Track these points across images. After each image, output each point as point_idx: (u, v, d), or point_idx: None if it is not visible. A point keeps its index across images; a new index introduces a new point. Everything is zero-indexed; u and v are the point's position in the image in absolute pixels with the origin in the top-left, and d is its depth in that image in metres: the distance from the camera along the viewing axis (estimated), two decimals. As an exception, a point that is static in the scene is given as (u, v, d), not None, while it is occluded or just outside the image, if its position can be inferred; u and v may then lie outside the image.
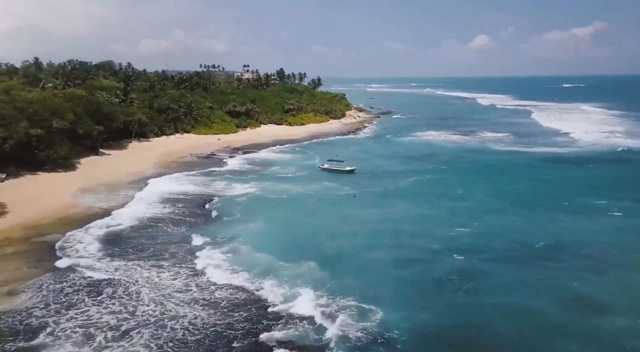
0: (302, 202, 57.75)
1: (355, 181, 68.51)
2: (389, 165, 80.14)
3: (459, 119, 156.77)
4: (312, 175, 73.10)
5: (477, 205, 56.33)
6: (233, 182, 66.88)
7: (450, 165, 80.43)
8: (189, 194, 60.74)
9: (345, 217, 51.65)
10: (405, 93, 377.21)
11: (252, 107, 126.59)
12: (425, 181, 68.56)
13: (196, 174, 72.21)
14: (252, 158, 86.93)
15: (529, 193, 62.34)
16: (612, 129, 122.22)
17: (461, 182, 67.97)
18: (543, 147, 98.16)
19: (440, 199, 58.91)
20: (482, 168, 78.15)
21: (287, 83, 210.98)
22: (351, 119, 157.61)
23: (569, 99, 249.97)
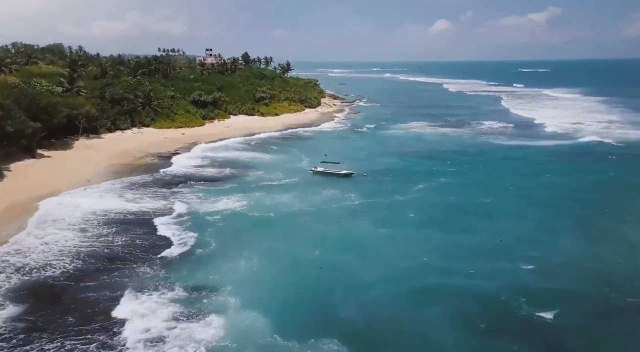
0: (298, 223, 45.54)
1: (356, 188, 56.73)
2: (387, 166, 68.63)
3: (436, 107, 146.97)
4: (304, 181, 60.93)
5: (522, 222, 45.53)
6: (205, 194, 54.05)
7: (455, 164, 69.77)
8: (145, 213, 47.60)
9: (358, 248, 39.66)
10: (373, 78, 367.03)
11: (220, 95, 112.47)
12: (439, 187, 57.43)
13: (157, 183, 58.95)
14: (227, 159, 73.73)
15: (571, 197, 52.26)
16: (610, 118, 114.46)
17: (481, 187, 57.41)
18: (549, 139, 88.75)
19: (468, 214, 47.83)
20: (493, 167, 67.91)
21: (253, 68, 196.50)
22: (327, 107, 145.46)
23: (542, 84, 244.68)
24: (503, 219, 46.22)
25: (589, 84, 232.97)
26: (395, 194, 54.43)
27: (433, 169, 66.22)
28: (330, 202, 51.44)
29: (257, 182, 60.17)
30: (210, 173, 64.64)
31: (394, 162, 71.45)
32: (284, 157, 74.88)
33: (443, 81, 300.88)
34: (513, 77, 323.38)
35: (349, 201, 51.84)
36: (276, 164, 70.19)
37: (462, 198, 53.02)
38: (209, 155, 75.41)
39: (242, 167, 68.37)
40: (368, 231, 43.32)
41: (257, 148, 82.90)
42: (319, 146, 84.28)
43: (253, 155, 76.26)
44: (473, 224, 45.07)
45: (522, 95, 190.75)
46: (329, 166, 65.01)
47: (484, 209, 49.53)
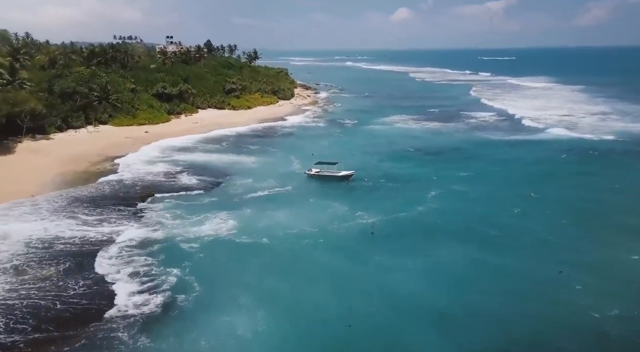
0: (302, 253, 36.71)
1: (360, 198, 48.42)
2: (386, 168, 60.56)
3: (413, 99, 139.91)
4: (300, 189, 52.31)
5: (572, 244, 38.27)
6: (180, 212, 44.67)
7: (460, 164, 62.41)
8: (103, 242, 37.90)
9: (389, 293, 31.07)
10: (338, 67, 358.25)
11: (187, 88, 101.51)
12: (454, 196, 49.65)
13: (118, 196, 49.10)
14: (202, 162, 63.95)
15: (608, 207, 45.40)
16: (600, 109, 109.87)
17: (501, 195, 50.12)
18: (546, 134, 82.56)
19: (507, 237, 40.07)
20: (503, 168, 60.89)
21: (216, 57, 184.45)
22: (301, 99, 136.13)
23: (511, 72, 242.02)
24: (551, 245, 38.70)
25: (558, 73, 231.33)
26: (410, 205, 46.24)
27: (440, 173, 58.33)
28: (335, 219, 42.81)
29: (243, 193, 50.94)
30: (183, 182, 54.78)
31: (391, 163, 63.38)
32: (269, 160, 65.57)
33: (409, 70, 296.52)
34: (479, 66, 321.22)
35: (358, 217, 43.31)
36: (262, 168, 61.03)
37: (483, 208, 45.45)
38: (180, 159, 65.31)
39: (222, 173, 58.94)
40: (394, 263, 34.78)
41: (236, 148, 73.18)
42: (304, 144, 75.37)
43: (233, 158, 66.56)
44: (508, 245, 37.54)
45: (496, 84, 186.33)
46: (325, 168, 56.61)
47: (520, 224, 41.99)
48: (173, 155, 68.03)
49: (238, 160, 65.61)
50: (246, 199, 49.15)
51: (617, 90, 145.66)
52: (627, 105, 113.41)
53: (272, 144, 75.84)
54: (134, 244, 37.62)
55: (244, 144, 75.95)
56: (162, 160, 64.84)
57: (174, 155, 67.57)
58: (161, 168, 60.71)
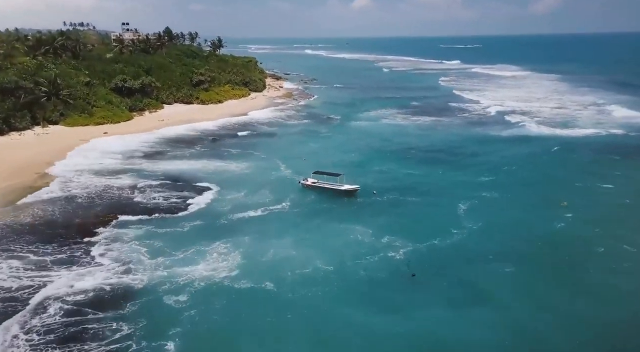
0: (321, 308, 28.24)
1: (376, 219, 40.21)
2: (393, 175, 52.75)
3: (391, 90, 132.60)
4: (299, 207, 43.75)
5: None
6: (155, 243, 35.72)
7: (472, 167, 55.46)
8: (22, 299, 28.46)
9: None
10: (300, 55, 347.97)
11: (150, 80, 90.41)
12: (485, 210, 42.23)
13: (71, 222, 39.19)
14: (175, 171, 54.30)
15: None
16: (591, 99, 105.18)
17: (532, 204, 43.47)
18: (555, 127, 76.50)
19: (571, 263, 32.82)
20: (519, 170, 54.18)
21: (178, 45, 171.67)
22: (274, 90, 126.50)
23: (481, 60, 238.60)
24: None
25: (527, 61, 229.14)
26: (442, 226, 38.51)
27: (456, 179, 51.00)
28: (356, 250, 34.55)
29: (233, 211, 42.12)
30: (156, 200, 45.22)
31: (396, 168, 55.47)
32: (254, 166, 56.54)
33: (375, 58, 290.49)
34: (444, 54, 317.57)
35: (384, 246, 35.13)
36: (249, 177, 52.17)
37: (527, 224, 38.38)
38: (148, 168, 55.42)
39: (201, 184, 49.58)
40: (452, 321, 26.83)
41: (214, 152, 63.69)
42: (290, 146, 66.66)
43: (212, 165, 57.19)
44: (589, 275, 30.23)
45: (470, 74, 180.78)
46: (325, 179, 48.13)
47: (569, 242, 34.85)
48: (139, 162, 58.02)
49: (218, 167, 56.28)
50: (238, 221, 40.38)
51: (597, 79, 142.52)
52: (614, 95, 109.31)
53: (254, 146, 66.59)
54: (89, 301, 28.27)
55: (222, 147, 66.42)
56: (127, 169, 54.84)
57: (140, 163, 57.58)
58: (126, 180, 50.81)
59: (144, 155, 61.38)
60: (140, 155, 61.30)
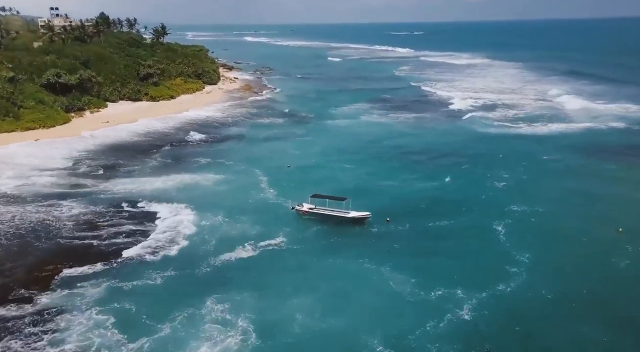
0: None
1: (407, 258, 31.75)
2: (400, 190, 44.56)
3: (357, 80, 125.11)
4: (301, 242, 34.72)
5: None
6: (122, 308, 25.63)
7: (489, 174, 48.00)
8: None
9: None
10: (245, 43, 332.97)
11: (89, 74, 77.19)
12: (534, 235, 34.81)
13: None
14: (130, 193, 43.45)
15: None
16: (568, 87, 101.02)
17: (581, 227, 36.04)
18: (546, 123, 70.71)
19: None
20: (542, 178, 47.51)
21: (116, 33, 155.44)
22: (230, 82, 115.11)
23: (433, 48, 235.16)
24: None
25: (479, 48, 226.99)
26: (494, 265, 30.80)
27: (479, 192, 43.61)
28: (403, 313, 26.02)
29: (215, 251, 33.25)
30: (113, 236, 34.64)
31: (400, 180, 47.22)
32: (230, 180, 46.87)
33: (325, 46, 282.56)
34: (393, 41, 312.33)
35: (436, 305, 26.71)
36: (226, 196, 42.65)
37: (593, 258, 30.96)
38: (97, 189, 44.28)
39: (168, 206, 39.33)
40: None
41: (178, 161, 53.23)
42: (265, 152, 57.06)
43: (177, 179, 46.76)
44: None
45: (430, 63, 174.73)
46: (327, 204, 38.93)
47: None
48: (84, 181, 46.68)
49: (187, 183, 45.97)
50: (226, 266, 31.43)
51: (561, 66, 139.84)
52: (588, 84, 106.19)
53: (224, 153, 56.39)
54: None
55: (187, 154, 55.78)
56: (67, 192, 43.53)
57: (85, 182, 46.25)
58: (67, 209, 39.61)
59: (89, 170, 49.85)
60: (84, 170, 49.75)
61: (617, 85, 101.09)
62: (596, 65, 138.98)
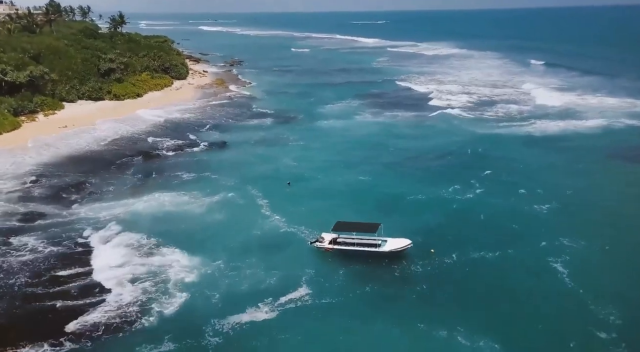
0: None
1: (478, 319, 24.85)
2: (430, 208, 37.65)
3: (336, 74, 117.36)
4: (331, 299, 27.03)
5: None
6: None
7: (515, 187, 41.58)
8: None
9: None
10: (205, 32, 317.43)
11: (41, 71, 66.74)
12: (606, 277, 28.59)
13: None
14: (96, 224, 34.87)
15: None
16: (559, 81, 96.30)
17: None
18: (556, 120, 65.07)
19: None
20: (588, 190, 41.09)
21: (68, 22, 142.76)
22: (199, 77, 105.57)
23: (398, 37, 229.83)
24: None
25: (451, 38, 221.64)
26: (582, 329, 24.04)
27: (514, 209, 36.91)
28: None
29: (220, 311, 25.89)
30: (75, 296, 26.41)
31: (426, 195, 40.32)
32: (221, 202, 38.66)
33: (291, 35, 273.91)
34: (359, 30, 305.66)
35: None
36: (223, 226, 35.14)
37: None
38: (55, 220, 35.46)
39: (154, 244, 31.19)
40: None
41: (154, 177, 44.59)
42: (258, 164, 49.09)
43: (158, 201, 38.47)
44: None
45: (406, 55, 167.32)
46: (355, 234, 31.66)
47: None
48: (40, 207, 37.65)
49: (171, 207, 37.74)
50: (238, 332, 24.51)
51: (541, 56, 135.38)
52: (577, 76, 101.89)
53: (208, 166, 48.07)
54: None
55: (166, 169, 47.17)
56: (21, 219, 34.69)
57: (41, 208, 37.26)
58: (25, 250, 30.86)
59: (45, 191, 40.79)
60: (40, 192, 40.68)
61: (607, 78, 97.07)
62: (577, 56, 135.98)
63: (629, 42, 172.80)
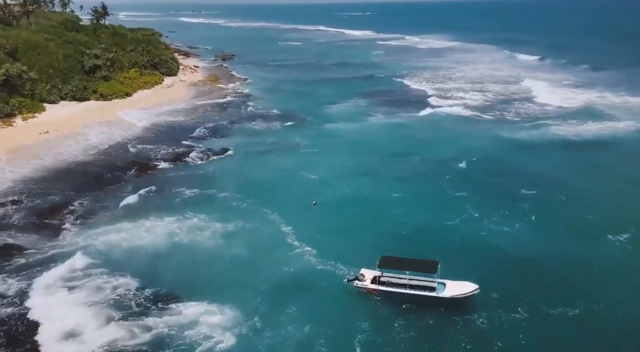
0: None
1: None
2: (483, 238, 32.19)
3: (334, 69, 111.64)
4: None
5: None
6: None
7: (587, 218, 36.49)
8: None
9: None
10: (193, 25, 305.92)
11: (19, 69, 59.63)
12: None
13: None
14: (87, 264, 28.80)
15: None
16: (573, 77, 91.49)
17: None
18: (587, 122, 60.09)
19: None
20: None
21: (47, 13, 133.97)
22: (191, 72, 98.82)
23: (398, 30, 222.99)
24: None
25: (444, 30, 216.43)
26: None
27: (593, 257, 31.44)
28: None
29: None
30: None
31: (475, 220, 34.84)
32: (236, 228, 33.29)
33: (273, 26, 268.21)
34: (347, 22, 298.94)
35: None
36: (242, 263, 29.24)
37: None
38: (36, 258, 29.38)
39: (153, 296, 25.26)
40: None
41: (151, 195, 38.36)
42: (270, 178, 43.15)
43: (162, 230, 32.47)
44: None
45: (405, 48, 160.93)
46: (405, 270, 26.18)
47: None
48: (18, 238, 31.47)
49: (177, 238, 31.77)
50: None
51: (550, 50, 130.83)
52: (590, 70, 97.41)
53: (213, 180, 42.04)
54: None
55: (165, 184, 40.97)
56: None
57: (19, 240, 31.10)
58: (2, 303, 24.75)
59: (24, 218, 34.40)
60: (17, 218, 34.30)
61: (622, 74, 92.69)
62: (582, 50, 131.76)
63: (633, 34, 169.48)
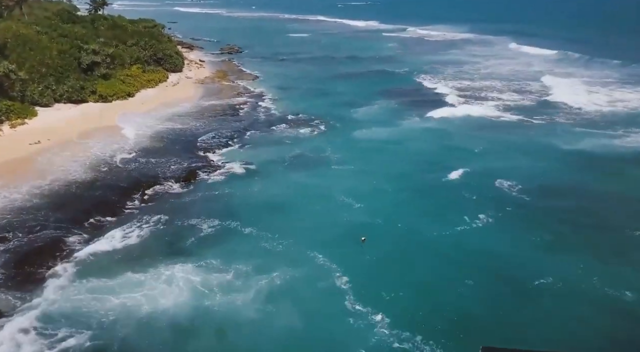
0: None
1: None
2: (593, 303, 25.20)
3: (348, 63, 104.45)
4: None
5: None
6: None
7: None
8: None
9: None
10: (193, 15, 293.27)
11: (6, 68, 52.34)
12: None
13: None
14: (82, 341, 21.90)
15: None
16: (616, 74, 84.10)
17: None
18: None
19: None
20: None
21: (42, 3, 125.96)
22: (198, 68, 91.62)
23: (405, 21, 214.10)
24: None
25: (456, 20, 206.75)
26: None
27: None
28: None
29: None
30: None
31: (579, 269, 27.92)
32: (277, 285, 25.70)
33: (274, 16, 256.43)
34: (352, 12, 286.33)
35: None
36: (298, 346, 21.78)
37: None
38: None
39: None
40: None
41: (158, 229, 31.57)
42: (302, 203, 36.10)
43: (176, 284, 25.45)
44: None
45: (418, 40, 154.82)
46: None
47: None
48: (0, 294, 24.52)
49: (198, 297, 24.76)
50: None
51: (573, 43, 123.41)
52: (632, 68, 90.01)
53: (234, 208, 34.94)
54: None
55: (177, 214, 33.82)
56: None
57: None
58: None
59: (5, 277, 27.44)
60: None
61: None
62: (606, 44, 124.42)
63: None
